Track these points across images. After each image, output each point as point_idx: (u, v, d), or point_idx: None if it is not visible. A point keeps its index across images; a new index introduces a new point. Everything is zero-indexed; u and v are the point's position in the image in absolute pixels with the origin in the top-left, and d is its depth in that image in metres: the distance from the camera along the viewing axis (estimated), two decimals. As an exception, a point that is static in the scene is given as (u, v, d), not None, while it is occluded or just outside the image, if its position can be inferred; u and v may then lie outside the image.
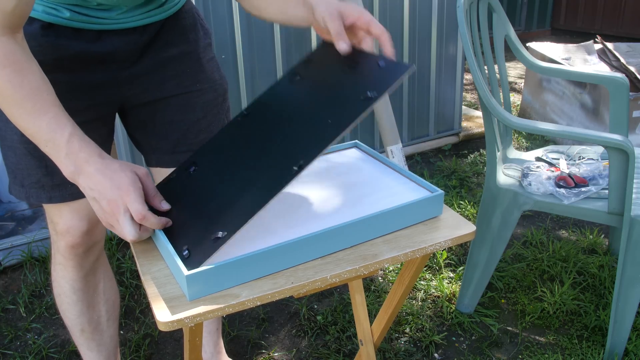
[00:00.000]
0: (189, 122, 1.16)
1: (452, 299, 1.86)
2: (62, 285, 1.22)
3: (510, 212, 1.59)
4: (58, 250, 1.17)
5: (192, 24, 1.15)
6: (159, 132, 1.17)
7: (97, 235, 1.17)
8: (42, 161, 1.05)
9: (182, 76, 1.13)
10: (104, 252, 1.27)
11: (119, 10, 1.01)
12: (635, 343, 1.61)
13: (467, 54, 1.48)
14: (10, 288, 2.00)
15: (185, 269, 0.74)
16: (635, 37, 5.18)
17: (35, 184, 1.07)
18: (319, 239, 0.81)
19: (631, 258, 1.44)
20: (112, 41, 1.03)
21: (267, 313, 1.84)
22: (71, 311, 1.25)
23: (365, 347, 1.26)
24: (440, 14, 2.84)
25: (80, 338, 1.31)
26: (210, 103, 1.18)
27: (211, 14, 2.23)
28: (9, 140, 1.05)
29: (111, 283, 1.31)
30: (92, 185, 0.81)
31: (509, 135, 1.82)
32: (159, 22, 1.08)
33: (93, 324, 1.29)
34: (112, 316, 1.33)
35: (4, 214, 2.35)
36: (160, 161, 1.20)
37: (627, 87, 1.70)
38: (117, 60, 1.05)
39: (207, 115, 1.18)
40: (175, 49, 1.11)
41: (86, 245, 1.16)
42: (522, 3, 5.77)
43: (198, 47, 1.15)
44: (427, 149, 3.06)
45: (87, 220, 1.12)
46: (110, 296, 1.31)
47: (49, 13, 0.98)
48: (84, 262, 1.19)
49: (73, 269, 1.19)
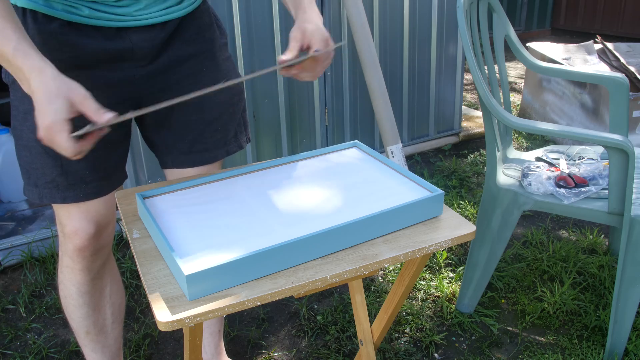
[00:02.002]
0: (205, 122, 1.16)
1: (452, 299, 1.86)
2: (69, 288, 1.21)
3: (510, 212, 1.59)
4: (66, 253, 1.17)
5: (209, 23, 1.15)
6: (175, 132, 1.17)
7: (105, 239, 1.17)
8: (57, 160, 1.04)
9: (198, 75, 1.13)
10: (111, 256, 1.26)
11: (137, 7, 1.01)
12: (635, 343, 1.61)
13: (467, 54, 1.48)
14: (10, 288, 2.00)
15: (185, 269, 0.74)
16: (635, 37, 5.18)
17: (49, 184, 1.06)
18: (319, 239, 0.81)
19: (631, 258, 1.44)
20: (130, 38, 1.03)
21: (267, 313, 1.84)
22: (77, 313, 1.25)
23: (365, 347, 1.26)
24: (440, 14, 2.84)
25: (85, 340, 1.30)
26: (226, 102, 1.18)
27: (211, 14, 2.23)
28: (25, 139, 1.05)
29: (118, 286, 1.30)
30: (35, 105, 0.81)
31: (509, 135, 1.82)
32: (177, 19, 1.08)
33: (98, 327, 1.28)
34: (118, 319, 1.33)
35: (4, 214, 2.35)
36: (177, 162, 1.20)
37: (627, 87, 1.70)
38: (135, 57, 1.05)
39: (223, 115, 1.18)
40: (192, 48, 1.12)
41: (94, 249, 1.15)
42: (522, 3, 5.77)
43: (214, 46, 1.15)
44: (427, 149, 3.06)
45: (95, 223, 1.12)
46: (117, 299, 1.30)
47: (68, 11, 0.98)
48: (91, 265, 1.18)
49: (81, 272, 1.18)
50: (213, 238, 0.85)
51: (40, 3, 0.98)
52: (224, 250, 0.81)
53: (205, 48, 1.14)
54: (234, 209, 0.94)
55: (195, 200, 0.97)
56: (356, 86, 2.72)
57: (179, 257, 0.78)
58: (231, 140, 1.22)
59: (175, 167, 1.21)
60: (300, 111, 2.61)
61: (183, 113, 1.15)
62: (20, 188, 2.41)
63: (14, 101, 1.06)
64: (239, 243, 0.83)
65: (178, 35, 1.10)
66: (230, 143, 1.23)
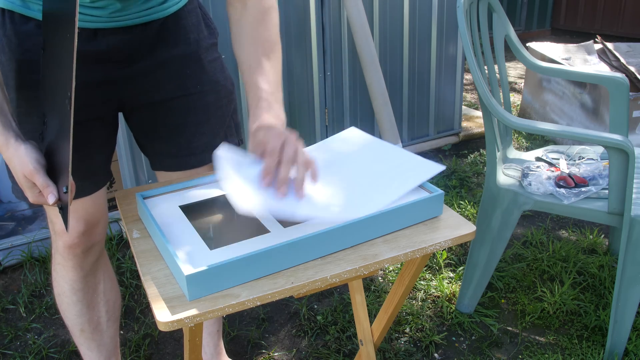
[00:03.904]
0: (191, 125, 1.14)
1: (452, 299, 1.86)
2: (62, 285, 1.22)
3: (510, 212, 1.59)
4: (57, 250, 1.17)
5: (195, 23, 1.13)
6: (162, 136, 1.15)
7: (95, 236, 1.17)
8: None
9: (183, 78, 1.12)
10: (105, 253, 1.26)
11: (113, 8, 0.99)
12: (635, 343, 1.61)
13: (467, 54, 1.48)
14: (10, 288, 2.00)
15: (185, 269, 0.74)
16: (635, 37, 5.18)
17: None
18: (319, 239, 0.81)
19: (631, 258, 1.44)
20: (107, 40, 1.01)
21: (267, 313, 1.84)
22: (71, 311, 1.25)
23: (365, 347, 1.26)
24: (440, 14, 2.84)
25: (80, 338, 1.30)
26: (212, 105, 1.15)
27: (211, 14, 2.22)
28: None
29: (112, 284, 1.31)
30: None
31: (509, 135, 1.82)
32: (159, 20, 1.06)
33: (93, 324, 1.29)
34: (113, 317, 1.33)
35: (4, 214, 2.35)
36: (165, 165, 1.19)
37: (627, 87, 1.70)
38: (112, 59, 1.04)
39: (211, 118, 1.16)
40: (175, 50, 1.10)
41: (84, 246, 1.15)
42: (522, 3, 5.76)
43: (199, 47, 1.13)
44: (427, 149, 3.06)
45: (84, 221, 1.12)
46: (111, 297, 1.31)
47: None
48: (83, 262, 1.18)
49: (72, 269, 1.18)
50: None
51: (18, 4, 0.98)
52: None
53: (190, 50, 1.11)
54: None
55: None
56: (356, 86, 2.72)
57: (178, 257, 0.78)
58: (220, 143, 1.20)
59: (163, 170, 1.20)
60: (300, 111, 2.61)
61: (168, 116, 1.13)
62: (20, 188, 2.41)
63: None
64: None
65: (161, 36, 1.07)
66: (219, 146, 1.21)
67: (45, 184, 0.85)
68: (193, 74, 1.12)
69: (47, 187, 0.84)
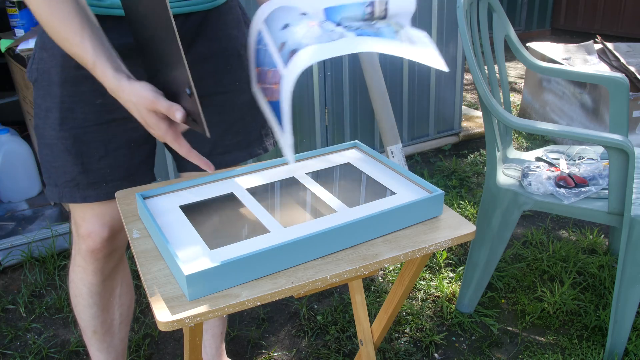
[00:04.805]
0: (226, 124, 1.12)
1: (452, 299, 1.86)
2: (80, 288, 1.20)
3: (510, 212, 1.59)
4: (79, 253, 1.16)
5: (236, 20, 1.11)
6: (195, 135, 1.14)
7: (118, 242, 1.16)
8: (78, 158, 1.03)
9: (221, 74, 1.09)
10: (124, 257, 1.25)
11: None
12: (635, 343, 1.61)
13: (467, 54, 1.48)
14: (10, 288, 2.00)
15: (185, 269, 0.74)
16: (635, 37, 5.18)
17: (69, 182, 1.05)
18: (319, 239, 0.81)
19: (631, 258, 1.44)
20: None
21: (267, 313, 1.84)
22: (86, 313, 1.24)
23: (365, 347, 1.26)
24: (440, 14, 2.84)
25: (92, 339, 1.30)
26: (248, 104, 1.13)
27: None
28: (47, 137, 1.03)
29: (128, 288, 1.30)
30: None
31: (509, 135, 1.82)
32: (202, 13, 1.04)
33: (106, 327, 1.27)
34: (125, 320, 1.32)
35: (4, 214, 2.35)
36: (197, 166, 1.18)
37: (627, 87, 1.70)
38: None
39: (245, 117, 1.14)
40: (215, 45, 1.07)
41: (107, 251, 1.14)
42: (522, 3, 5.76)
43: (239, 44, 1.11)
44: (427, 149, 3.06)
45: (109, 227, 1.11)
46: (126, 301, 1.30)
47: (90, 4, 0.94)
48: (104, 267, 1.17)
49: (93, 273, 1.17)
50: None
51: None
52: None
53: (230, 46, 1.09)
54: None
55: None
56: (356, 86, 2.72)
57: (179, 257, 0.78)
58: (254, 142, 1.18)
59: (195, 170, 1.16)
60: (300, 111, 2.61)
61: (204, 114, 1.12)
62: (20, 188, 2.41)
63: (36, 99, 1.04)
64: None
65: (202, 31, 1.05)
66: (252, 145, 1.18)
67: (169, 105, 0.83)
68: (232, 71, 1.10)
69: (172, 107, 0.83)
